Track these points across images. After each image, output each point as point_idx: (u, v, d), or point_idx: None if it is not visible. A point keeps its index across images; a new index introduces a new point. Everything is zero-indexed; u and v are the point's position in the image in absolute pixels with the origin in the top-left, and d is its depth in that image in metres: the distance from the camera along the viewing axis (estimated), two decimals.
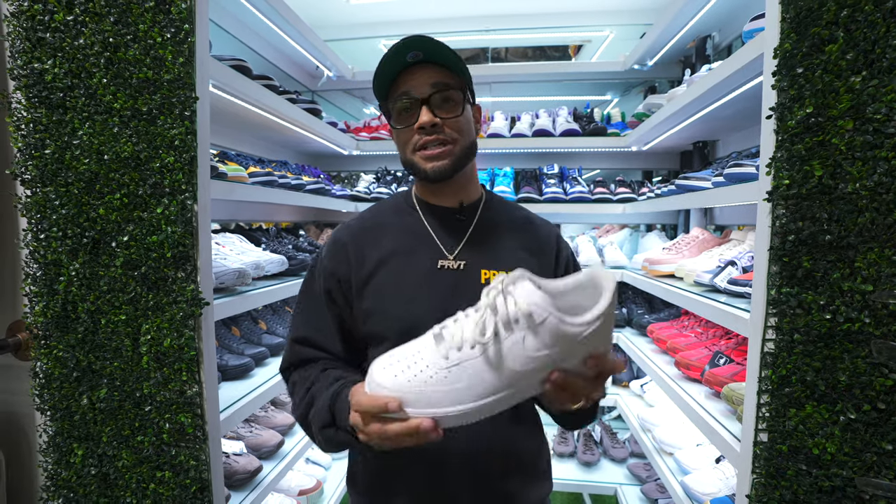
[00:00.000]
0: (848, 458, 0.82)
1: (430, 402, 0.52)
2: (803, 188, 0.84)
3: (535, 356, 0.51)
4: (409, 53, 0.73)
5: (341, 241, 0.83)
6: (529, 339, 0.51)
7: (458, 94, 0.77)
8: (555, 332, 0.51)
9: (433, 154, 0.76)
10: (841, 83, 0.80)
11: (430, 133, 0.75)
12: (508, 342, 0.52)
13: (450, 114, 0.76)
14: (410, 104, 0.76)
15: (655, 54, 2.10)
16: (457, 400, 0.52)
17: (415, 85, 0.75)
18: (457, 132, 0.77)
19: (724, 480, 1.31)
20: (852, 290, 0.81)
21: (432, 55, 0.74)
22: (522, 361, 0.52)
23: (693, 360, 1.43)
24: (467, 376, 0.52)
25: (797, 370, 0.86)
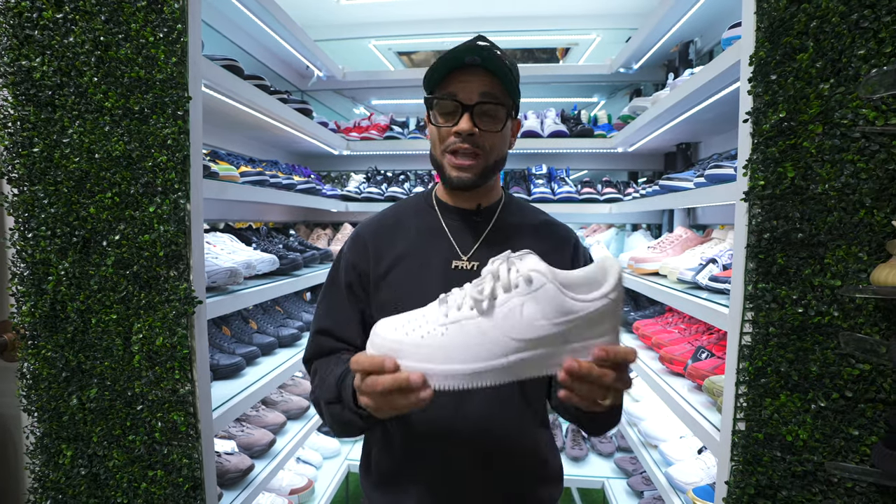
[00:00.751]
0: (818, 444, 0.87)
1: (423, 356, 0.52)
2: (777, 189, 0.88)
3: (533, 324, 0.50)
4: (468, 56, 0.73)
5: (362, 237, 0.86)
6: (528, 305, 0.50)
7: (503, 110, 0.77)
8: (555, 302, 0.50)
9: (462, 164, 0.77)
10: (811, 90, 0.85)
11: (466, 141, 0.75)
12: (506, 306, 0.51)
13: (489, 127, 0.76)
14: (455, 107, 0.76)
15: (640, 58, 2.16)
16: (450, 358, 0.51)
17: (464, 89, 0.75)
18: (491, 145, 0.77)
19: (706, 470, 1.36)
20: (822, 285, 0.86)
21: (488, 63, 0.74)
22: (520, 329, 0.50)
23: (677, 355, 1.48)
24: (463, 335, 0.51)
25: (772, 362, 0.90)
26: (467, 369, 0.51)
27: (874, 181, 0.81)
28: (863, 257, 0.82)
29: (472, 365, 0.51)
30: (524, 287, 0.51)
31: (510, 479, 0.80)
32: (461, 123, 0.75)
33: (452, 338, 0.52)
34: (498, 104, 0.76)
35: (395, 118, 2.48)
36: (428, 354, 0.52)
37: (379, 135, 2.41)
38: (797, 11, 0.85)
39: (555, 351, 0.52)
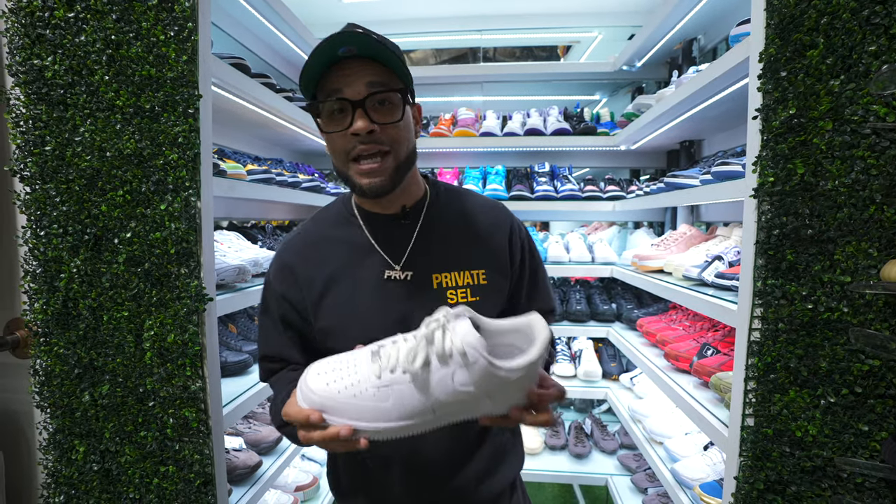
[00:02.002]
0: (828, 440, 0.88)
1: (354, 414, 0.57)
2: (787, 185, 0.89)
3: (461, 390, 0.55)
4: (342, 48, 0.64)
5: (287, 265, 0.79)
6: (459, 374, 0.54)
7: (397, 96, 0.68)
8: (484, 372, 0.54)
9: (369, 169, 0.69)
10: (821, 86, 0.85)
11: (366, 141, 0.67)
12: (439, 374, 0.55)
13: (388, 119, 0.68)
14: (342, 106, 0.67)
15: (644, 56, 2.16)
16: (380, 417, 0.56)
17: (348, 84, 0.66)
18: (395, 140, 0.69)
19: (712, 466, 1.37)
20: (832, 282, 0.86)
21: (367, 50, 0.65)
22: (448, 392, 0.55)
23: (682, 352, 1.49)
24: (394, 397, 0.56)
25: (781, 357, 0.91)
26: (397, 426, 0.57)
27: (884, 177, 0.81)
28: (873, 253, 0.83)
29: (401, 422, 0.57)
30: (458, 360, 0.54)
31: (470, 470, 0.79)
32: (356, 123, 0.66)
33: (384, 399, 0.56)
34: (391, 90, 0.67)
35: None
36: (359, 413, 0.56)
37: None
38: (808, 8, 0.85)
39: (478, 405, 0.58)
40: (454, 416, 0.58)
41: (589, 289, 2.49)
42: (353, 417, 0.56)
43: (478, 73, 2.58)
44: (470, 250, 0.79)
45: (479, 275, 0.78)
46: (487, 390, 0.55)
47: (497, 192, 2.29)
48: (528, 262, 0.85)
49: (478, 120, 2.44)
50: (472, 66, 2.76)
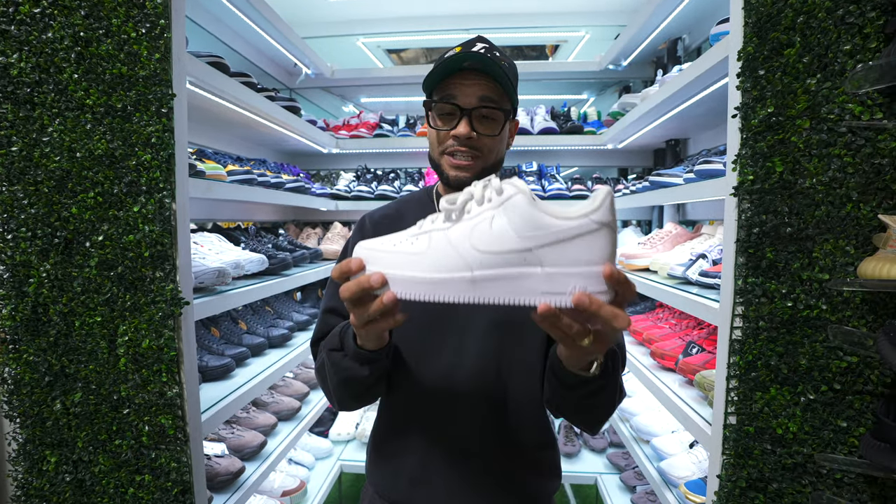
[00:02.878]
0: (808, 437, 0.88)
1: (389, 263, 0.51)
2: (766, 183, 0.89)
3: (502, 237, 0.46)
4: (467, 61, 0.73)
5: (366, 224, 0.89)
6: (499, 218, 0.47)
7: (501, 113, 0.77)
8: (526, 215, 0.46)
9: (460, 164, 0.78)
10: (798, 85, 0.85)
11: (464, 144, 0.76)
12: (477, 218, 0.49)
13: (487, 131, 0.77)
14: (452, 110, 0.76)
15: (629, 55, 2.17)
16: (413, 265, 0.50)
17: (463, 93, 0.75)
18: (489, 149, 0.78)
19: (698, 464, 1.37)
20: (811, 279, 0.86)
21: (487, 69, 0.74)
22: (487, 240, 0.47)
23: (667, 350, 1.49)
24: (430, 244, 0.50)
25: (762, 355, 0.91)
26: (429, 277, 0.49)
27: (860, 175, 0.82)
28: (850, 251, 0.83)
29: (434, 274, 0.49)
30: (496, 199, 0.48)
31: (508, 463, 0.81)
32: (459, 127, 0.75)
33: (419, 246, 0.51)
34: (496, 108, 0.76)
35: (384, 116, 2.47)
36: (394, 261, 0.51)
37: (368, 133, 2.39)
38: (784, 7, 0.85)
39: (525, 273, 0.46)
40: (497, 290, 0.47)
41: None
42: (388, 265, 0.51)
43: None
44: None
45: None
46: (536, 247, 0.45)
47: None
48: None
49: None
50: None
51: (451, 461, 0.80)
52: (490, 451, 0.80)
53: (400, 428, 0.84)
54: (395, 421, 0.85)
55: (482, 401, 0.80)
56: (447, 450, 0.80)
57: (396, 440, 0.84)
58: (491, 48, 0.77)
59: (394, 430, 0.85)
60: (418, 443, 0.81)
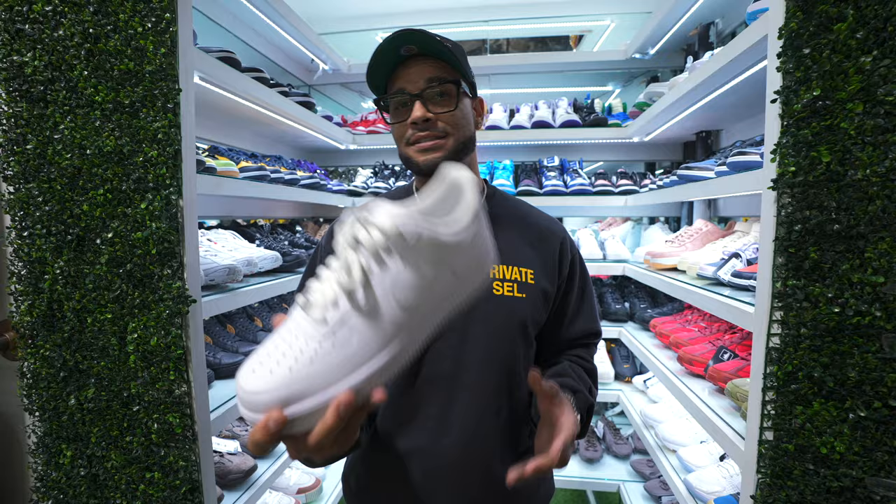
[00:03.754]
0: (858, 458, 0.79)
1: (326, 380, 0.40)
2: (810, 175, 0.80)
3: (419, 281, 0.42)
4: (402, 48, 0.72)
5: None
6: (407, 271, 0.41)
7: (453, 87, 0.75)
8: (435, 245, 0.41)
9: (426, 147, 0.75)
10: (850, 64, 0.76)
11: (423, 129, 0.74)
12: (388, 279, 0.41)
13: (444, 108, 0.74)
14: (404, 99, 0.75)
15: (657, 42, 2.05)
16: (358, 361, 0.41)
17: (409, 80, 0.74)
18: (451, 126, 0.75)
19: (729, 479, 1.28)
20: (862, 282, 0.77)
21: (426, 48, 0.72)
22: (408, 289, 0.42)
23: (696, 355, 1.39)
24: (355, 331, 0.41)
25: (804, 366, 0.82)
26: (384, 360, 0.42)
27: None
28: None
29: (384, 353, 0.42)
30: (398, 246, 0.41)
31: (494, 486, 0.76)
32: (414, 112, 0.73)
33: (346, 340, 0.41)
34: (447, 83, 0.74)
35: None
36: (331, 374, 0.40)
37: (386, 128, 2.36)
38: None
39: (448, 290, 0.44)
40: (434, 315, 0.45)
41: (601, 287, 2.39)
42: (327, 384, 0.40)
43: (484, 64, 2.50)
44: (522, 248, 0.81)
45: (527, 273, 0.79)
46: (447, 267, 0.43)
47: (505, 187, 2.21)
48: (577, 279, 0.87)
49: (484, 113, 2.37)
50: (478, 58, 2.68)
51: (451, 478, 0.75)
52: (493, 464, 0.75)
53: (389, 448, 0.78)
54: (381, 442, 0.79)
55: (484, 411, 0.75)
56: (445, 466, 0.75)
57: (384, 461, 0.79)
58: (423, 31, 0.72)
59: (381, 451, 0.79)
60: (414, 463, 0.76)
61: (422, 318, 0.44)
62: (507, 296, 0.76)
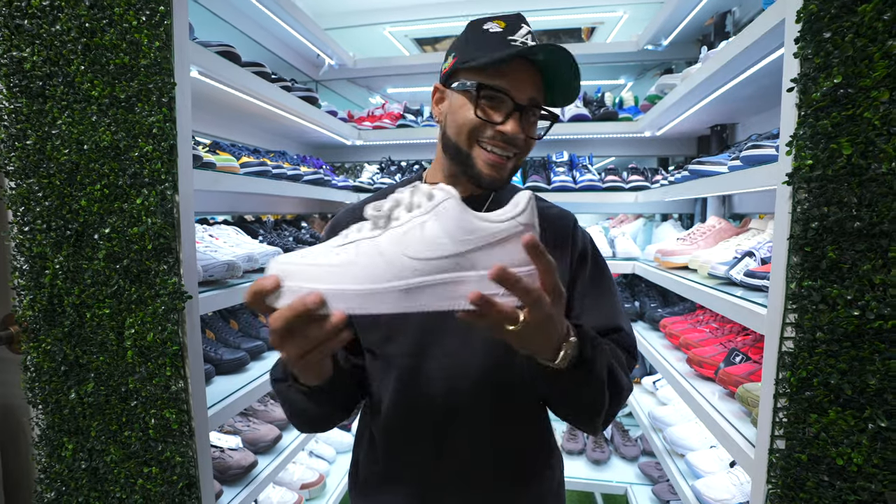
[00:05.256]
0: (877, 471, 0.74)
1: (311, 276, 0.46)
2: (829, 169, 0.75)
3: (434, 242, 0.45)
4: (542, 55, 0.66)
5: (341, 224, 0.78)
6: (430, 223, 0.46)
7: (540, 115, 0.72)
8: (457, 219, 0.46)
9: (497, 163, 0.69)
10: (876, 48, 0.70)
11: (505, 141, 0.69)
12: (406, 225, 0.47)
13: (532, 133, 0.71)
14: (504, 101, 0.68)
15: (670, 33, 1.98)
16: (341, 278, 0.46)
17: (517, 86, 0.68)
18: (524, 150, 0.72)
19: (739, 486, 1.23)
20: (885, 284, 0.72)
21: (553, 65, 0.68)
22: (419, 247, 0.46)
23: (706, 358, 1.34)
24: (356, 254, 0.47)
25: (819, 372, 0.77)
26: (358, 289, 0.46)
27: None
28: None
29: (365, 285, 0.46)
30: (426, 204, 0.47)
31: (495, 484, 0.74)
32: (511, 124, 0.67)
33: (344, 257, 0.47)
34: (543, 112, 0.71)
35: (408, 106, 2.40)
36: (315, 274, 0.46)
37: (392, 123, 2.33)
38: None
39: (460, 278, 0.46)
40: (433, 297, 0.46)
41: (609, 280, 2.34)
42: (309, 279, 0.46)
43: None
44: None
45: None
46: (469, 251, 0.46)
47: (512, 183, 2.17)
48: (587, 271, 0.80)
49: None
50: None
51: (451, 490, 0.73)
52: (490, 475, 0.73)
53: (382, 468, 0.77)
54: (383, 445, 0.77)
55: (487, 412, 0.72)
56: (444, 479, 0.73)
57: (387, 465, 0.77)
58: (532, 34, 0.69)
59: (384, 454, 0.77)
60: (411, 475, 0.74)
61: (422, 285, 0.46)
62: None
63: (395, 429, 0.75)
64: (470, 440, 0.73)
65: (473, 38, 0.70)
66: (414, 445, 0.74)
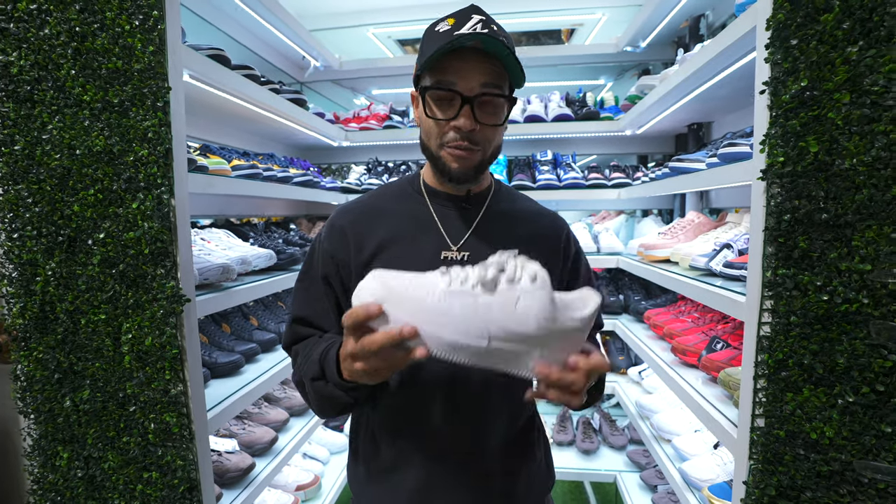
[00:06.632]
0: (846, 442, 0.80)
1: (415, 311, 0.54)
2: (798, 165, 0.81)
3: (523, 319, 0.53)
4: (472, 41, 0.66)
5: (339, 226, 0.80)
6: (524, 300, 0.53)
7: (504, 102, 0.72)
8: (547, 306, 0.53)
9: (462, 155, 0.71)
10: (836, 54, 0.77)
11: (463, 136, 0.70)
12: (505, 295, 0.54)
13: (490, 120, 0.71)
14: (452, 97, 0.69)
15: (648, 35, 2.06)
16: (440, 323, 0.54)
17: (463, 77, 0.68)
18: (488, 140, 0.72)
19: (722, 466, 1.30)
20: (850, 270, 0.78)
21: (491, 48, 0.67)
22: (510, 320, 0.53)
23: (690, 346, 1.41)
24: (459, 307, 0.54)
25: (794, 353, 0.83)
26: (450, 340, 0.54)
27: None
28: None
29: (455, 338, 0.54)
30: (527, 283, 0.54)
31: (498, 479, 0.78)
32: (462, 119, 0.68)
33: (449, 306, 0.54)
34: (501, 96, 0.70)
35: (394, 107, 2.42)
36: (420, 311, 0.54)
37: (378, 124, 2.35)
38: None
39: (528, 351, 0.55)
40: (501, 361, 0.55)
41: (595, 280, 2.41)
42: (411, 313, 0.54)
43: None
44: (525, 245, 0.79)
45: None
46: (544, 335, 0.54)
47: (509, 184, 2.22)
48: (582, 272, 0.87)
49: None
50: None
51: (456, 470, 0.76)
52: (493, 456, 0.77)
53: (393, 441, 0.79)
54: (387, 434, 0.80)
55: (487, 403, 0.76)
56: (449, 460, 0.76)
57: (389, 450, 0.79)
58: (488, 21, 0.69)
59: (387, 442, 0.80)
60: (418, 455, 0.77)
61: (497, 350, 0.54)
62: None
63: (396, 414, 0.78)
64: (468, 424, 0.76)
65: (426, 40, 0.72)
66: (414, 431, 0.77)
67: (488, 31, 0.66)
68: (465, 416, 0.76)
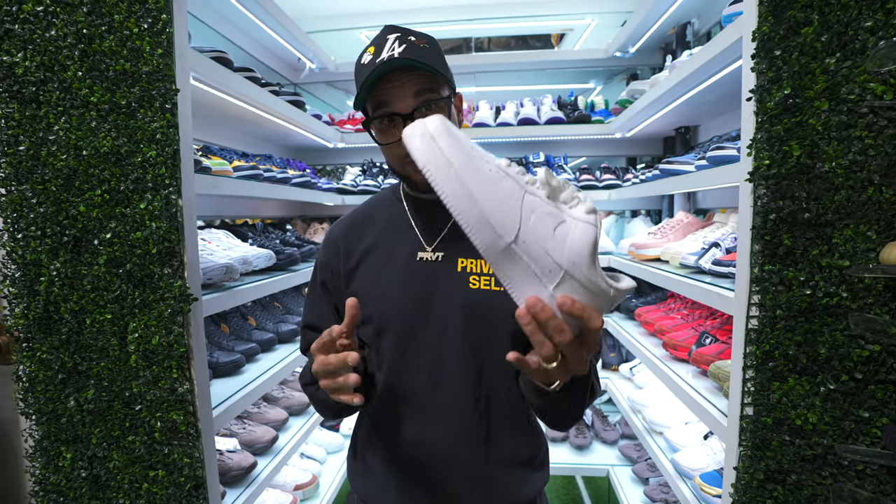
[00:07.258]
0: (828, 427, 0.86)
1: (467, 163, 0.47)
2: (783, 168, 0.86)
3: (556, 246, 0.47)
4: (389, 67, 0.68)
5: (332, 236, 0.86)
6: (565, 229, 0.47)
7: (443, 101, 0.73)
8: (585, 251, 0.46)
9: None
10: (816, 64, 0.82)
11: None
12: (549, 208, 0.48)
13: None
14: (393, 119, 0.71)
15: (637, 41, 2.12)
16: (484, 192, 0.47)
17: (396, 97, 0.70)
18: None
19: (712, 455, 1.35)
20: (830, 266, 0.84)
21: (411, 62, 0.69)
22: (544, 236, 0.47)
23: (680, 341, 1.47)
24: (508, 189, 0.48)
25: (780, 345, 0.89)
26: (485, 209, 0.46)
27: (882, 158, 0.79)
28: (871, 236, 0.81)
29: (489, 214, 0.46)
30: (581, 212, 0.47)
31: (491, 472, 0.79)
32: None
33: (497, 180, 0.47)
34: (437, 100, 0.72)
35: None
36: (468, 165, 0.47)
37: None
38: None
39: (541, 282, 0.47)
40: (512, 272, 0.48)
41: None
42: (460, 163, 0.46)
43: (470, 63, 2.54)
44: None
45: None
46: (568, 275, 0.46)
47: None
48: None
49: (471, 111, 2.41)
50: (463, 57, 2.72)
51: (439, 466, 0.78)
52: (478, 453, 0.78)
53: (383, 435, 0.82)
54: (377, 429, 0.82)
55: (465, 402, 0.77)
56: (433, 454, 0.78)
57: (381, 447, 0.82)
58: (404, 35, 0.71)
59: (378, 437, 0.82)
60: (405, 449, 0.79)
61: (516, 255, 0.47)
62: (484, 289, 0.76)
63: (386, 411, 0.80)
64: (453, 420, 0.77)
65: (356, 75, 0.74)
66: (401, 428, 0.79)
67: (405, 47, 0.69)
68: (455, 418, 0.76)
